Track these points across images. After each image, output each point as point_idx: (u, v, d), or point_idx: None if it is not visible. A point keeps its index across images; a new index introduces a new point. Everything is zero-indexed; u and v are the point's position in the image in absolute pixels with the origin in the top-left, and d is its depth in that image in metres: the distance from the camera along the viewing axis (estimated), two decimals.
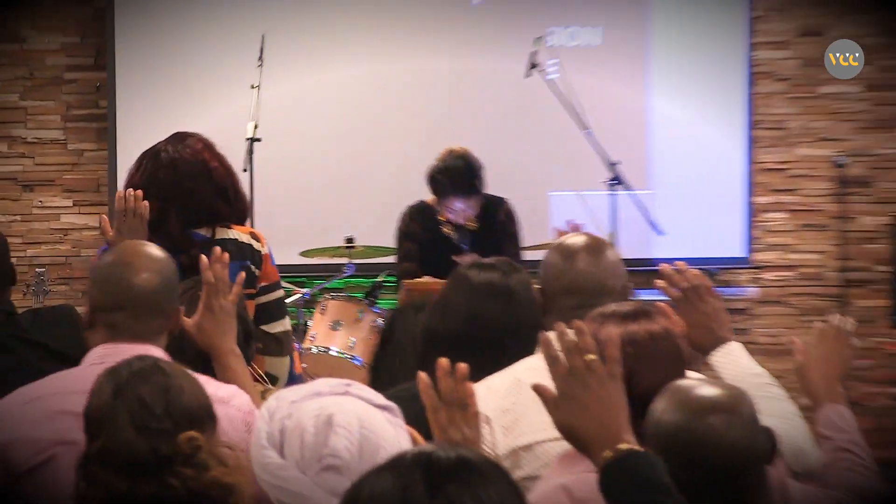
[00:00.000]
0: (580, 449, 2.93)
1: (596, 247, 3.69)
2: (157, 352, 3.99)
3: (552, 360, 2.93)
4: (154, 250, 4.34)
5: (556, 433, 3.13)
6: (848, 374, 4.10)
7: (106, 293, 4.15)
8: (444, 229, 7.94)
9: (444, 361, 3.13)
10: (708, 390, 3.12)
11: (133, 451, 2.97)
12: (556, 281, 3.53)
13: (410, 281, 7.46)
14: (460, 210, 7.81)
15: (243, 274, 4.95)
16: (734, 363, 3.91)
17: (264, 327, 5.50)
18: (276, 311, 5.59)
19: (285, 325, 5.60)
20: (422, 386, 3.13)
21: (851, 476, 3.71)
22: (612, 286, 3.57)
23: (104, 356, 3.97)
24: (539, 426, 3.45)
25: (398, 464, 2.17)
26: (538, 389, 2.94)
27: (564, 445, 3.12)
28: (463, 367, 3.08)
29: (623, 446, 2.82)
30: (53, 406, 3.97)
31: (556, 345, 2.95)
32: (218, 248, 4.90)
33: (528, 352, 3.73)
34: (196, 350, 4.45)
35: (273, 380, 5.44)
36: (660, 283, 4.10)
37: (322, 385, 2.93)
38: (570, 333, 2.93)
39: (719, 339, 3.83)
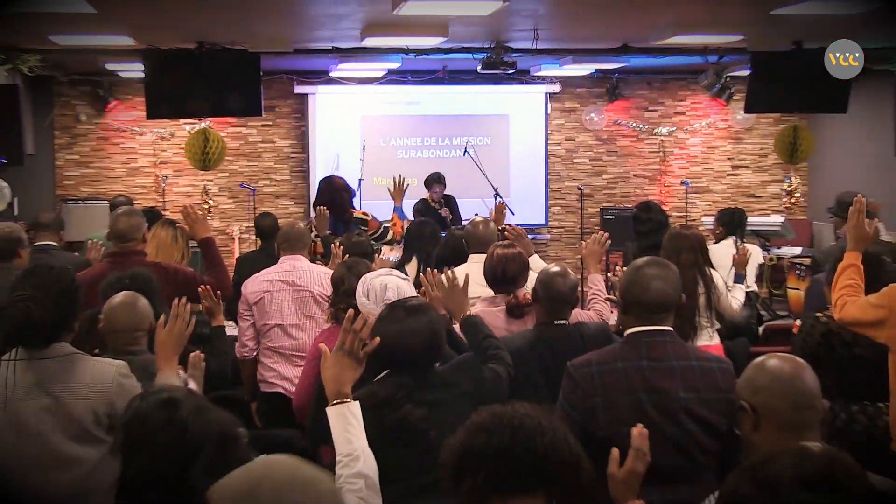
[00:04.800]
0: (450, 314, 3.43)
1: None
2: (302, 257, 4.83)
3: (443, 287, 3.49)
4: (302, 225, 5.20)
5: (476, 292, 3.95)
6: (601, 259, 4.71)
7: (282, 235, 5.01)
8: (433, 205, 8.64)
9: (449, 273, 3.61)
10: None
11: None
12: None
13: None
14: (437, 191, 8.77)
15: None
16: (537, 262, 4.51)
17: (381, 242, 6.61)
18: (380, 236, 6.67)
19: (387, 238, 6.66)
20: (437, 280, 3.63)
21: (595, 305, 4.33)
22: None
23: (284, 261, 4.88)
24: (474, 290, 3.89)
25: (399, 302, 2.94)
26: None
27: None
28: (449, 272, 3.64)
29: (465, 314, 3.41)
30: (263, 277, 4.84)
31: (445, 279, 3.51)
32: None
33: (463, 259, 4.40)
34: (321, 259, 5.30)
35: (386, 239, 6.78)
36: (510, 232, 4.80)
37: (381, 272, 3.41)
38: (450, 275, 3.54)
39: (530, 253, 4.42)
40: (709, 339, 4.85)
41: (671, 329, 2.93)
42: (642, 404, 2.84)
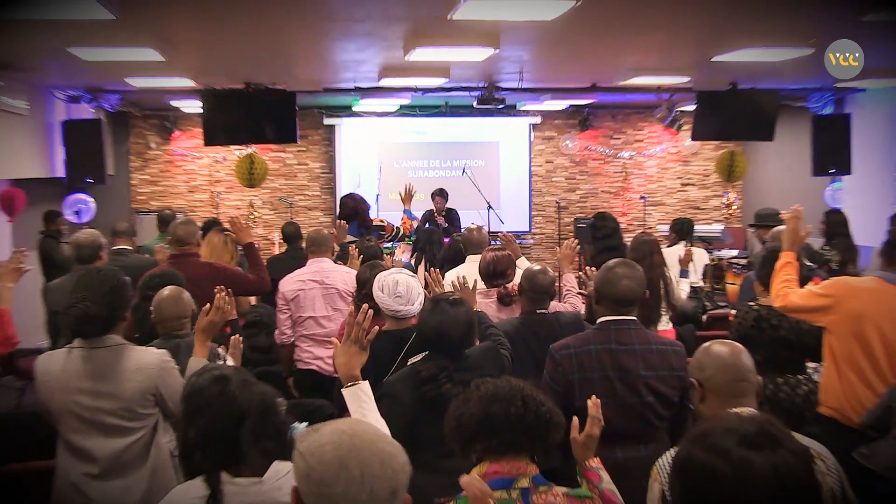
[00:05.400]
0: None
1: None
2: (327, 259, 4.72)
3: (458, 289, 3.40)
4: (325, 231, 4.96)
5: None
6: (573, 260, 4.45)
7: (309, 240, 4.90)
8: (435, 215, 8.40)
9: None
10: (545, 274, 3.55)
11: None
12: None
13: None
14: (438, 201, 8.52)
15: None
16: (523, 262, 4.39)
17: (394, 243, 6.73)
18: (395, 236, 6.72)
19: (400, 235, 6.73)
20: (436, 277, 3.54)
21: (569, 298, 4.19)
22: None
23: (312, 262, 4.79)
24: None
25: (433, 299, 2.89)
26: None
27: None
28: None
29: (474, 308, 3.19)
30: (297, 277, 4.73)
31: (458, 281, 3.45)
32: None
33: (462, 260, 4.48)
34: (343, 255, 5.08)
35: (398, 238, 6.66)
36: (502, 238, 4.87)
37: (392, 270, 3.27)
38: (462, 280, 3.47)
39: (518, 256, 4.42)
40: (665, 325, 4.80)
41: (635, 318, 2.92)
42: (611, 380, 2.84)
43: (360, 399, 2.29)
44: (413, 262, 5.86)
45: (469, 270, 4.45)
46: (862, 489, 2.18)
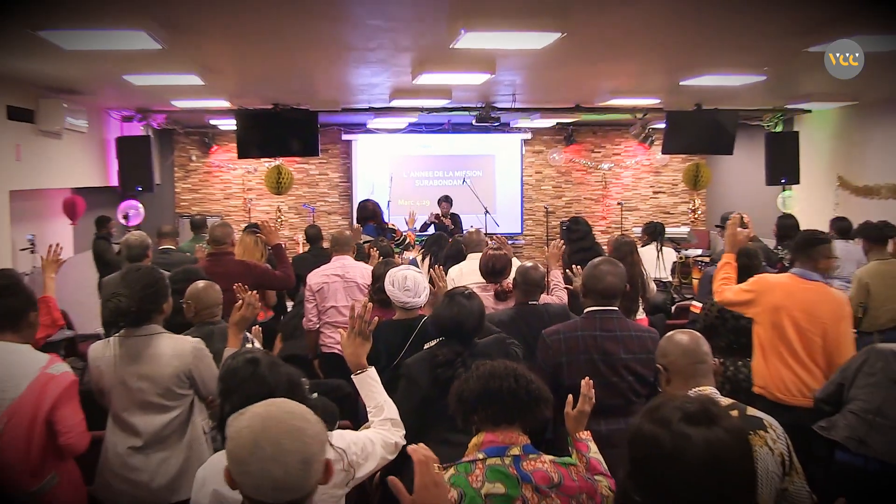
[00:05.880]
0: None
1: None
2: (348, 257, 4.57)
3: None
4: (346, 233, 4.76)
5: (472, 280, 3.83)
6: (560, 260, 4.33)
7: (333, 241, 4.71)
8: (441, 218, 8.40)
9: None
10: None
11: None
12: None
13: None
14: (444, 207, 8.54)
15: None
16: (515, 262, 4.18)
17: (401, 246, 6.66)
18: (400, 242, 6.61)
19: (405, 243, 6.61)
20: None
21: (556, 292, 4.13)
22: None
23: (335, 259, 4.66)
24: (470, 278, 4.10)
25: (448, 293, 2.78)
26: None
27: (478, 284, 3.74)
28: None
29: None
30: (322, 272, 4.59)
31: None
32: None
33: (462, 258, 4.45)
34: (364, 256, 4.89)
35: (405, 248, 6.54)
36: (495, 240, 4.91)
37: (402, 267, 3.25)
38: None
39: (510, 256, 4.20)
40: (640, 314, 4.80)
41: (617, 308, 2.93)
42: (595, 362, 2.84)
43: (369, 384, 2.29)
44: (419, 258, 5.84)
45: (470, 267, 4.39)
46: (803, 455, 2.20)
